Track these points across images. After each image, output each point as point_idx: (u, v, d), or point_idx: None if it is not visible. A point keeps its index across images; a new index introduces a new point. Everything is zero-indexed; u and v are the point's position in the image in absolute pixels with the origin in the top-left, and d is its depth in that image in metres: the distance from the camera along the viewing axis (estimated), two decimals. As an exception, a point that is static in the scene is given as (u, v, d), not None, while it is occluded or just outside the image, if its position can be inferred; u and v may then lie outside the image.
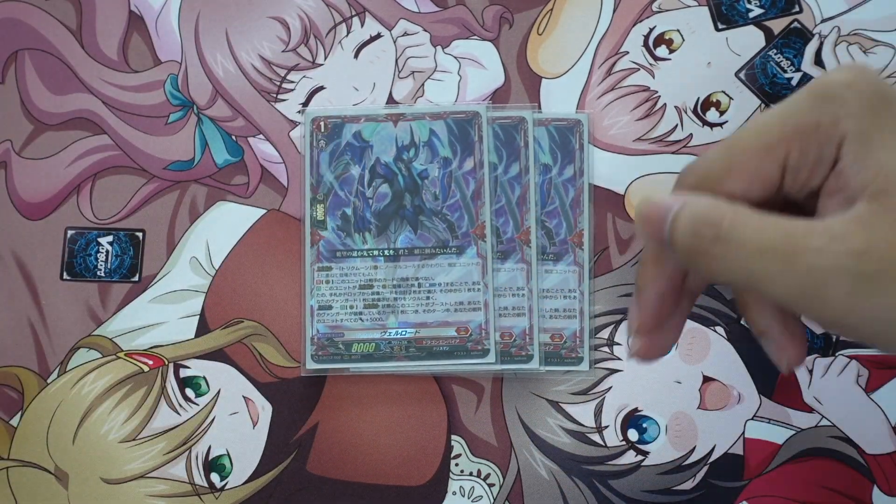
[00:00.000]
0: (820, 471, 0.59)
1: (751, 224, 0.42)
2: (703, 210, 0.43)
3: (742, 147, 0.44)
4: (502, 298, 0.60)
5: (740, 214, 0.43)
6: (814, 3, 0.64)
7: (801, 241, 0.41)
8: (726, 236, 0.43)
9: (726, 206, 0.43)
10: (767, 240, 0.42)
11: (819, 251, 0.41)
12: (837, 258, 0.40)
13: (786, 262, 0.42)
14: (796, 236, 0.41)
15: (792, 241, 0.41)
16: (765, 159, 0.43)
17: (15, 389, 0.61)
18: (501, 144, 0.61)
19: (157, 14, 0.65)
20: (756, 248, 0.42)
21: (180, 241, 0.63)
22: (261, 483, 0.60)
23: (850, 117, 0.42)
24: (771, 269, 0.42)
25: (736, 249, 0.43)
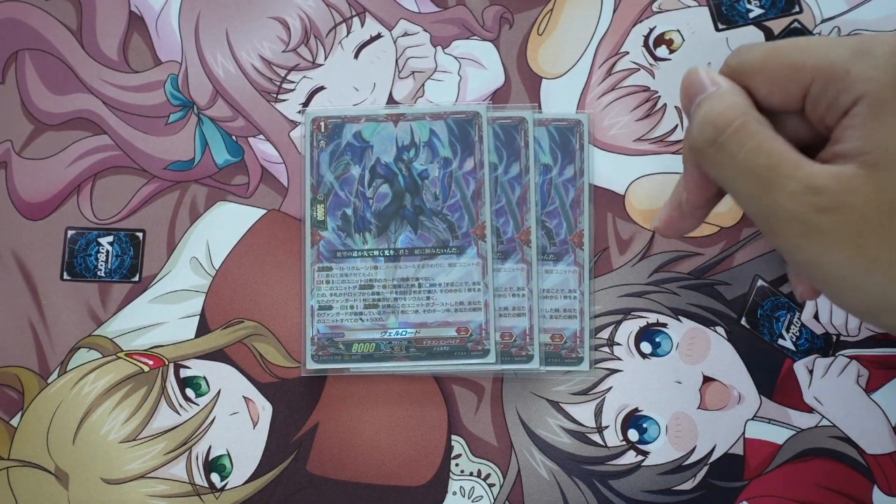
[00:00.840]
0: (820, 471, 0.59)
1: (747, 142, 0.45)
2: (718, 110, 0.46)
3: (781, 54, 0.45)
4: (502, 298, 0.60)
5: (745, 128, 0.45)
6: (814, 4, 0.64)
7: (781, 177, 0.44)
8: (723, 143, 0.45)
9: (740, 114, 0.45)
10: (753, 164, 0.44)
11: (792, 194, 0.43)
12: (804, 207, 0.43)
13: (761, 191, 0.44)
14: (779, 171, 0.44)
15: (773, 175, 0.44)
16: (791, 77, 0.45)
17: (15, 389, 0.61)
18: (502, 144, 0.61)
19: (158, 14, 0.65)
20: (742, 167, 0.45)
21: (180, 241, 0.63)
22: (261, 483, 0.60)
23: (876, 82, 0.42)
24: (747, 191, 0.45)
25: (727, 159, 0.45)
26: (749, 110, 0.46)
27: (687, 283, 0.61)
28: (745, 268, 0.61)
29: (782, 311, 0.61)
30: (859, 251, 0.43)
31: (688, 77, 0.48)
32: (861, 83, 0.43)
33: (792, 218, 0.43)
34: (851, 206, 0.42)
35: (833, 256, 0.43)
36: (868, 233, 0.42)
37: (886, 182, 0.42)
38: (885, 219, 0.42)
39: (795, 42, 0.45)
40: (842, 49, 0.43)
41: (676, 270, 0.61)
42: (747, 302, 0.61)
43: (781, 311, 0.61)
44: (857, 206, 0.42)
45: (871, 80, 0.42)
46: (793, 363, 0.60)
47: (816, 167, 0.43)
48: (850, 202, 0.42)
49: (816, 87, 0.44)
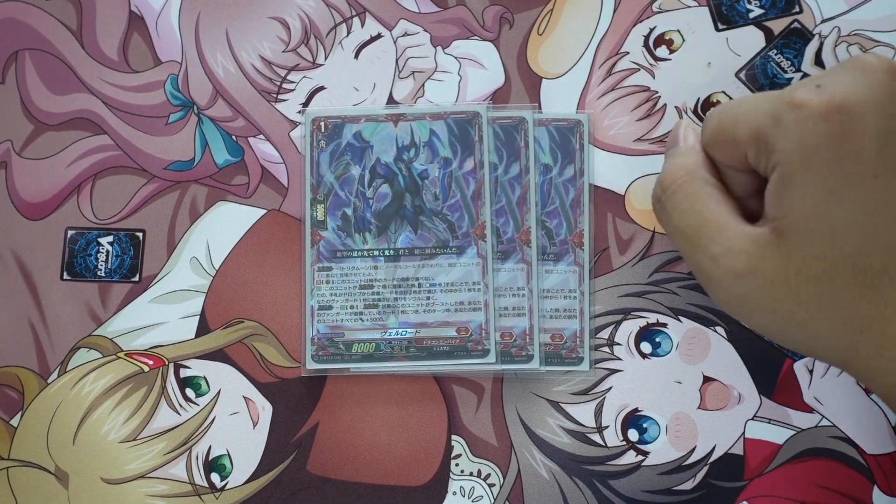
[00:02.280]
0: (820, 471, 0.59)
1: (681, 203, 0.48)
2: (670, 169, 0.50)
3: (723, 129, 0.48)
4: (502, 298, 0.60)
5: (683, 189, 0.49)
6: (814, 4, 0.64)
7: (704, 239, 0.47)
8: (664, 202, 0.49)
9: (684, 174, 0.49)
10: (683, 224, 0.48)
11: (712, 257, 0.46)
12: (721, 271, 0.46)
13: (689, 251, 0.48)
14: (704, 233, 0.47)
15: (698, 236, 0.47)
16: (732, 147, 0.48)
17: (15, 389, 0.61)
18: (502, 144, 0.61)
19: (158, 14, 0.65)
20: (675, 226, 0.48)
21: (180, 241, 0.63)
22: (261, 483, 0.60)
23: (785, 153, 0.44)
24: (680, 249, 0.49)
25: (665, 217, 0.50)
26: (694, 169, 0.49)
27: (687, 283, 0.61)
28: (745, 268, 0.61)
29: (782, 311, 0.61)
30: (774, 316, 0.45)
31: (673, 127, 0.53)
32: (775, 154, 0.44)
33: (713, 280, 0.46)
34: (763, 273, 0.44)
35: (754, 318, 0.47)
36: (780, 297, 0.44)
37: (792, 249, 0.44)
38: (793, 283, 0.44)
39: (732, 114, 0.48)
40: (760, 116, 0.45)
41: (676, 270, 0.61)
42: (747, 302, 0.61)
43: (781, 311, 0.61)
44: (767, 273, 0.44)
45: (780, 151, 0.44)
46: (793, 363, 0.60)
47: (739, 229, 0.46)
48: (761, 268, 0.44)
49: (751, 157, 0.46)
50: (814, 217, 0.43)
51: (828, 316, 0.44)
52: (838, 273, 0.43)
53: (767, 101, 0.46)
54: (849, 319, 0.43)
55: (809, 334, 0.45)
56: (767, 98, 0.46)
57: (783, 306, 0.44)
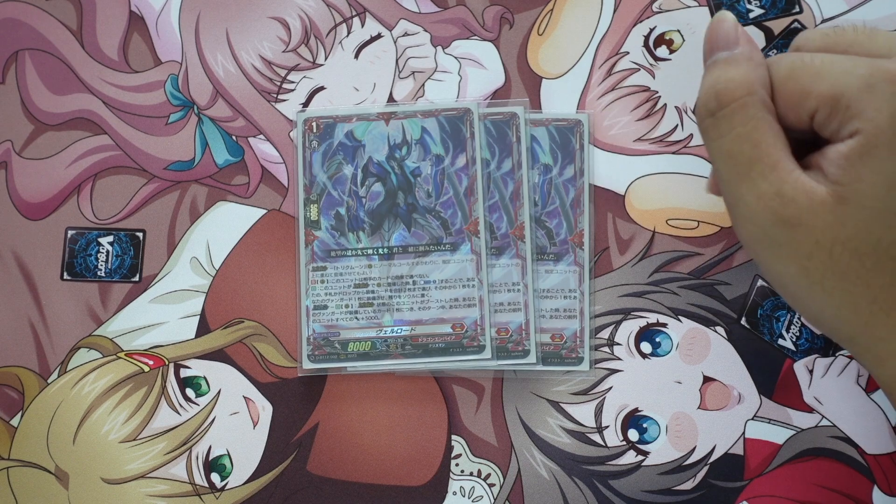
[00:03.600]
0: (820, 471, 0.59)
1: (739, 126, 0.45)
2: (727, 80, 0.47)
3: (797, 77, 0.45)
4: (498, 294, 0.60)
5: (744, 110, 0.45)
6: (814, 4, 0.64)
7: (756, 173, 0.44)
8: (719, 118, 0.46)
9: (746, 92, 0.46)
10: (737, 149, 0.45)
11: (760, 194, 0.44)
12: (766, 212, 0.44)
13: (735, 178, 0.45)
14: (757, 166, 0.45)
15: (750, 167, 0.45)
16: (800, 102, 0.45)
17: (15, 389, 0.61)
18: (493, 140, 0.61)
19: (158, 14, 0.65)
20: (726, 149, 0.46)
21: (180, 241, 0.63)
22: (261, 483, 0.60)
23: (872, 122, 0.43)
24: (723, 174, 0.46)
25: (717, 136, 0.46)
26: (757, 89, 0.46)
27: (687, 283, 0.61)
28: (745, 268, 0.61)
29: (782, 311, 0.60)
30: (804, 272, 0.44)
31: (717, 23, 0.49)
32: (859, 121, 0.43)
33: (753, 216, 0.45)
34: (809, 229, 0.43)
35: (779, 266, 0.45)
36: (816, 258, 0.43)
37: (849, 218, 0.42)
38: (837, 251, 0.43)
39: (812, 67, 0.45)
40: (850, 79, 0.43)
41: (676, 270, 0.61)
42: (747, 302, 0.61)
43: (781, 310, 0.60)
44: (814, 231, 0.43)
45: (868, 120, 0.43)
46: (793, 363, 0.60)
47: (793, 175, 0.44)
48: (809, 224, 0.43)
49: (821, 115, 0.45)
50: (885, 196, 0.42)
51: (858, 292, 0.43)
52: (884, 255, 0.42)
53: (860, 66, 0.44)
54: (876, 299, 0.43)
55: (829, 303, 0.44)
56: (858, 62, 0.44)
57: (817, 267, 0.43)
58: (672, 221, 0.62)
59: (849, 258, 0.43)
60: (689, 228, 0.62)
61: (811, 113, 0.45)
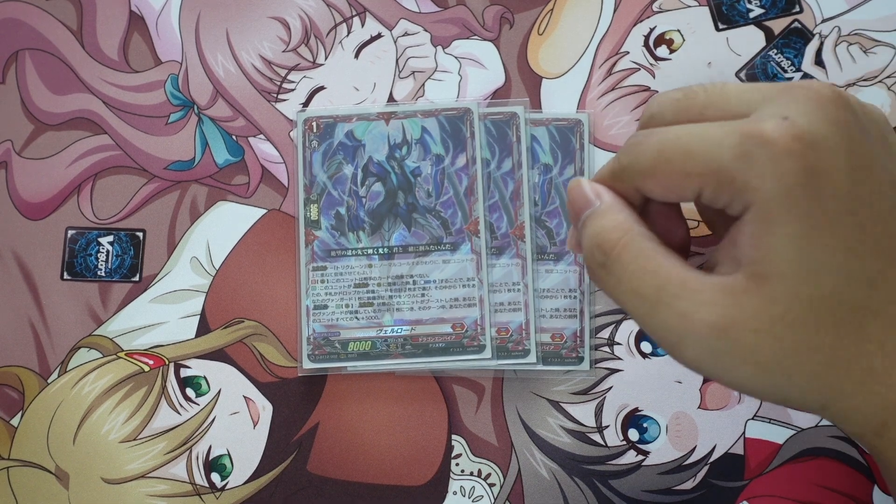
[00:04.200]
0: (820, 471, 0.59)
1: (631, 264, 0.44)
2: (603, 231, 0.45)
3: (668, 161, 0.44)
4: (498, 294, 0.60)
5: (629, 248, 0.44)
6: (814, 3, 0.64)
7: (669, 297, 0.43)
8: (610, 266, 0.45)
9: (623, 233, 0.45)
10: (640, 286, 0.44)
11: (682, 316, 0.42)
12: (696, 326, 0.42)
13: (652, 312, 0.43)
14: (667, 291, 0.43)
15: (661, 295, 0.43)
16: (682, 184, 0.43)
17: (15, 389, 0.61)
18: (494, 140, 0.61)
19: (158, 14, 0.65)
20: (629, 289, 0.44)
21: (181, 241, 0.63)
22: (261, 483, 0.60)
23: (760, 192, 0.41)
24: (638, 312, 0.44)
25: (614, 282, 0.45)
26: (633, 226, 0.45)
27: (687, 282, 0.61)
28: (746, 267, 0.61)
29: (782, 311, 0.60)
30: (759, 368, 0.42)
31: (572, 190, 0.47)
32: (747, 192, 0.41)
33: (684, 340, 0.43)
34: (743, 323, 0.41)
35: (734, 374, 0.43)
36: (764, 347, 0.42)
37: (776, 294, 0.41)
38: (779, 330, 0.41)
39: (681, 145, 0.43)
40: (723, 151, 0.42)
41: (676, 270, 0.61)
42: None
43: (782, 310, 0.60)
44: (748, 322, 0.41)
45: (755, 190, 0.41)
46: (793, 363, 0.60)
47: (704, 281, 0.43)
48: (740, 319, 0.42)
49: (707, 193, 0.43)
50: (797, 259, 0.41)
51: (813, 359, 0.42)
52: (822, 313, 0.41)
53: (728, 134, 0.42)
54: (833, 359, 0.42)
55: (793, 383, 0.42)
56: (726, 130, 0.42)
57: (768, 356, 0.42)
58: (672, 221, 0.62)
59: (792, 332, 0.41)
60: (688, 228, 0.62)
61: (696, 192, 0.43)
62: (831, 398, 0.43)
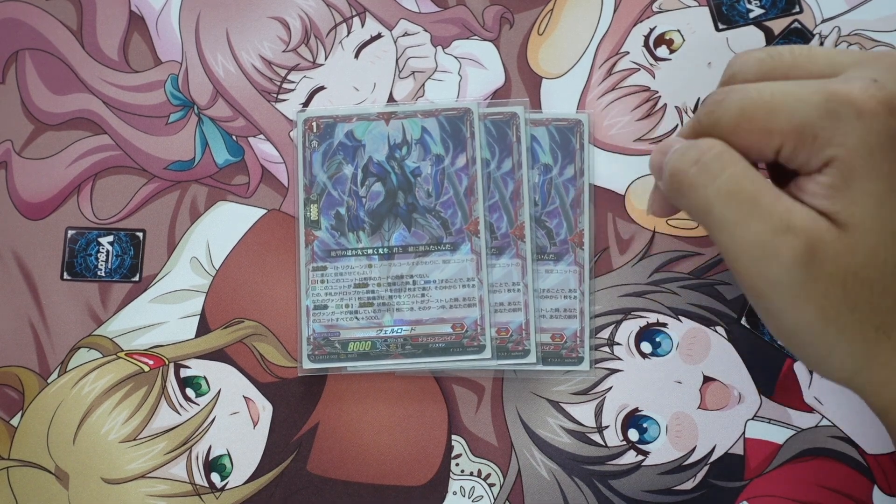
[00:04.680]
0: (820, 471, 0.59)
1: (730, 166, 0.43)
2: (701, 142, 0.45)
3: (751, 118, 0.44)
4: (498, 294, 0.60)
5: (728, 153, 0.44)
6: (814, 4, 0.64)
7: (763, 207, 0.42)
8: (706, 163, 0.44)
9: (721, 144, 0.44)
10: (737, 187, 0.43)
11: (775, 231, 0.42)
12: (784, 247, 0.42)
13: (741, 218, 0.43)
14: (762, 200, 0.42)
15: (755, 203, 0.42)
16: (763, 140, 0.44)
17: (15, 389, 0.61)
18: (493, 140, 0.61)
19: (158, 14, 0.65)
20: (726, 190, 0.43)
21: (181, 241, 0.63)
22: (261, 483, 0.60)
23: (843, 147, 0.42)
24: (726, 217, 0.43)
25: (708, 180, 0.44)
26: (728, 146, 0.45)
27: (687, 283, 0.61)
28: (746, 267, 0.61)
29: (782, 311, 0.60)
30: (821, 314, 0.42)
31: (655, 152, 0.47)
32: (830, 148, 0.42)
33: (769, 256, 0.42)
34: (823, 263, 0.41)
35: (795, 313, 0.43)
36: (832, 294, 0.42)
37: (857, 245, 0.41)
38: (849, 283, 0.41)
39: (764, 102, 0.43)
40: (809, 109, 0.42)
41: (676, 270, 0.61)
42: (747, 302, 0.61)
43: (782, 310, 0.60)
44: (828, 264, 0.41)
45: (839, 146, 0.41)
46: (793, 363, 0.60)
47: (796, 206, 0.42)
48: (823, 257, 0.41)
49: (787, 150, 0.43)
50: (877, 217, 0.41)
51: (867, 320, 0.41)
52: (891, 279, 0.41)
53: (815, 93, 0.42)
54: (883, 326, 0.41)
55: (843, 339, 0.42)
56: (813, 88, 0.42)
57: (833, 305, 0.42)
58: (672, 221, 0.62)
59: (860, 288, 0.41)
60: (689, 228, 0.62)
61: (776, 150, 0.43)
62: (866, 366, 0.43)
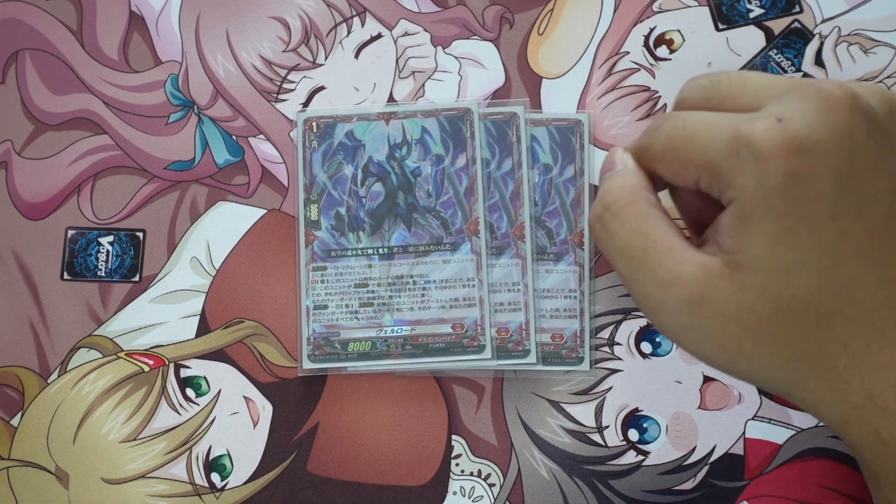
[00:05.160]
0: (820, 471, 0.59)
1: (627, 222, 0.46)
2: (612, 188, 0.47)
3: (675, 148, 0.45)
4: (498, 294, 0.60)
5: (628, 208, 0.46)
6: (814, 4, 0.64)
7: (652, 262, 0.45)
8: (607, 221, 0.47)
9: (628, 193, 0.46)
10: (629, 244, 0.46)
11: (661, 284, 0.44)
12: (670, 298, 0.44)
13: (633, 273, 0.45)
14: (651, 255, 0.45)
15: (645, 258, 0.45)
16: (684, 171, 0.45)
17: (15, 389, 0.61)
18: (494, 140, 0.61)
19: (158, 14, 0.65)
20: (619, 247, 0.46)
21: (181, 241, 0.63)
22: (261, 483, 0.60)
23: (741, 190, 0.43)
24: (622, 271, 0.46)
25: (608, 237, 0.47)
26: (640, 192, 0.46)
27: (687, 282, 0.61)
28: (746, 267, 0.61)
29: (782, 311, 0.60)
30: (722, 349, 0.44)
31: (607, 155, 0.49)
32: (731, 189, 0.43)
33: (659, 306, 0.45)
34: (713, 304, 0.43)
35: (699, 348, 0.45)
36: (728, 332, 0.43)
37: (746, 284, 0.42)
38: (745, 319, 0.43)
39: (686, 134, 0.45)
40: (718, 146, 0.43)
41: (677, 270, 0.61)
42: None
43: (782, 310, 0.60)
44: (718, 304, 0.43)
45: (739, 188, 0.42)
46: (793, 363, 0.60)
47: (687, 255, 0.44)
48: (712, 299, 0.43)
49: (703, 183, 0.45)
50: (770, 256, 0.42)
51: (776, 351, 0.43)
52: (790, 311, 0.42)
53: (724, 130, 0.43)
54: (796, 355, 0.43)
55: (755, 368, 0.44)
56: (724, 125, 0.44)
57: (732, 341, 0.43)
58: (672, 221, 0.62)
59: (757, 323, 0.43)
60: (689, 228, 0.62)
61: (695, 182, 0.45)
62: (794, 388, 0.45)
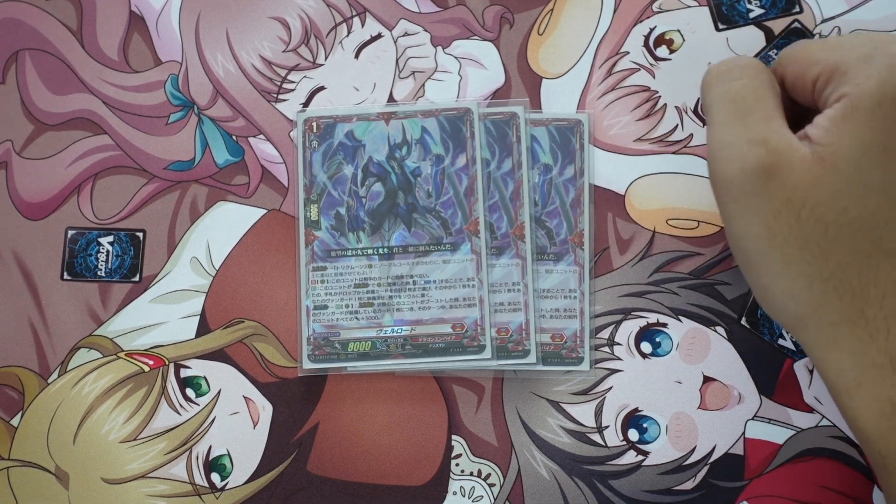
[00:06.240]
0: (820, 471, 0.59)
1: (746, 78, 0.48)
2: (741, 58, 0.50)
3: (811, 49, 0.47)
4: (498, 294, 0.60)
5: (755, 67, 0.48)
6: (814, 4, 0.64)
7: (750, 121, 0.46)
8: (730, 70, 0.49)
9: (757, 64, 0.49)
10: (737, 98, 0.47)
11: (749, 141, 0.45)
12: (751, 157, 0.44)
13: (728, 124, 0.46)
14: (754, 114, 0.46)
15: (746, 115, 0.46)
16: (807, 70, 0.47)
17: (15, 389, 0.61)
18: (494, 140, 0.61)
19: (158, 14, 0.65)
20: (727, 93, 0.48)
21: (181, 241, 0.63)
22: (261, 483, 0.60)
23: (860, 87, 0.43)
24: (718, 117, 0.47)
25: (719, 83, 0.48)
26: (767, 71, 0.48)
27: (687, 283, 0.61)
28: (746, 268, 0.61)
29: (782, 311, 0.60)
30: (767, 233, 0.43)
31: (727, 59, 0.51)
32: (849, 86, 0.43)
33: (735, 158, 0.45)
34: (784, 183, 0.43)
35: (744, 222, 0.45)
36: (783, 218, 0.43)
37: (823, 180, 0.42)
38: (805, 214, 0.42)
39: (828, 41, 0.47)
40: (855, 51, 0.44)
41: (676, 270, 0.61)
42: (747, 302, 0.61)
43: (782, 310, 0.60)
44: (787, 186, 0.43)
45: (856, 85, 0.43)
46: (793, 363, 0.60)
47: (784, 131, 0.45)
48: (785, 178, 0.43)
49: (820, 82, 0.46)
50: (856, 164, 0.42)
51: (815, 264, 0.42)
52: (849, 230, 0.42)
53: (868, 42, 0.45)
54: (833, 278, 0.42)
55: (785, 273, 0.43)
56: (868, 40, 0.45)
57: (780, 230, 0.43)
58: (672, 221, 0.62)
59: (814, 224, 0.42)
60: (689, 228, 0.62)
61: (814, 80, 0.46)
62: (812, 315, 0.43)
